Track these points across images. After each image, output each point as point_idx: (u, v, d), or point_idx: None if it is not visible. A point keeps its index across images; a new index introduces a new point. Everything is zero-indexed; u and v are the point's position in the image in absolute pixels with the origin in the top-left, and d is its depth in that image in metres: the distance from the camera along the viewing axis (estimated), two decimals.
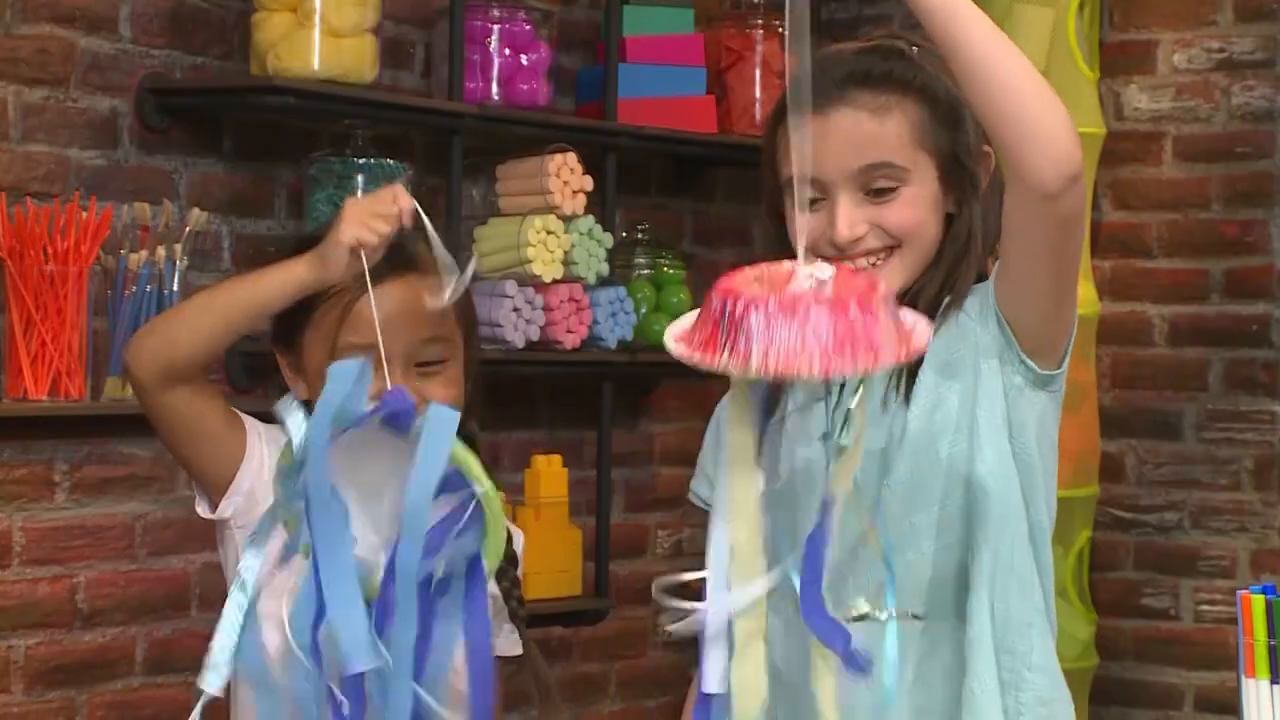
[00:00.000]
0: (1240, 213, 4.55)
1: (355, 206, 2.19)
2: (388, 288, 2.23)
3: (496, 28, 3.99)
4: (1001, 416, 2.08)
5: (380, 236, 2.15)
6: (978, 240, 2.14)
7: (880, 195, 2.12)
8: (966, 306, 2.12)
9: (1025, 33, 4.23)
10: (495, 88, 3.99)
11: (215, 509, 2.30)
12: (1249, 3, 4.53)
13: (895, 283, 2.10)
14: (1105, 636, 4.56)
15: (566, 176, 3.99)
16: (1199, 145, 4.58)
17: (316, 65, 3.57)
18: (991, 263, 2.18)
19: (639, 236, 4.41)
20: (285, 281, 2.20)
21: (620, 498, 4.52)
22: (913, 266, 2.12)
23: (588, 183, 4.02)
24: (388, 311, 2.22)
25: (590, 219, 4.03)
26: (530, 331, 3.93)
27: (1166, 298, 4.62)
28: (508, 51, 4.01)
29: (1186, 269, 4.60)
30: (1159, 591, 4.60)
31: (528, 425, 4.32)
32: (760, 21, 4.51)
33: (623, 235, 4.29)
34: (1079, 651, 4.41)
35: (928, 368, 2.10)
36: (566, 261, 3.98)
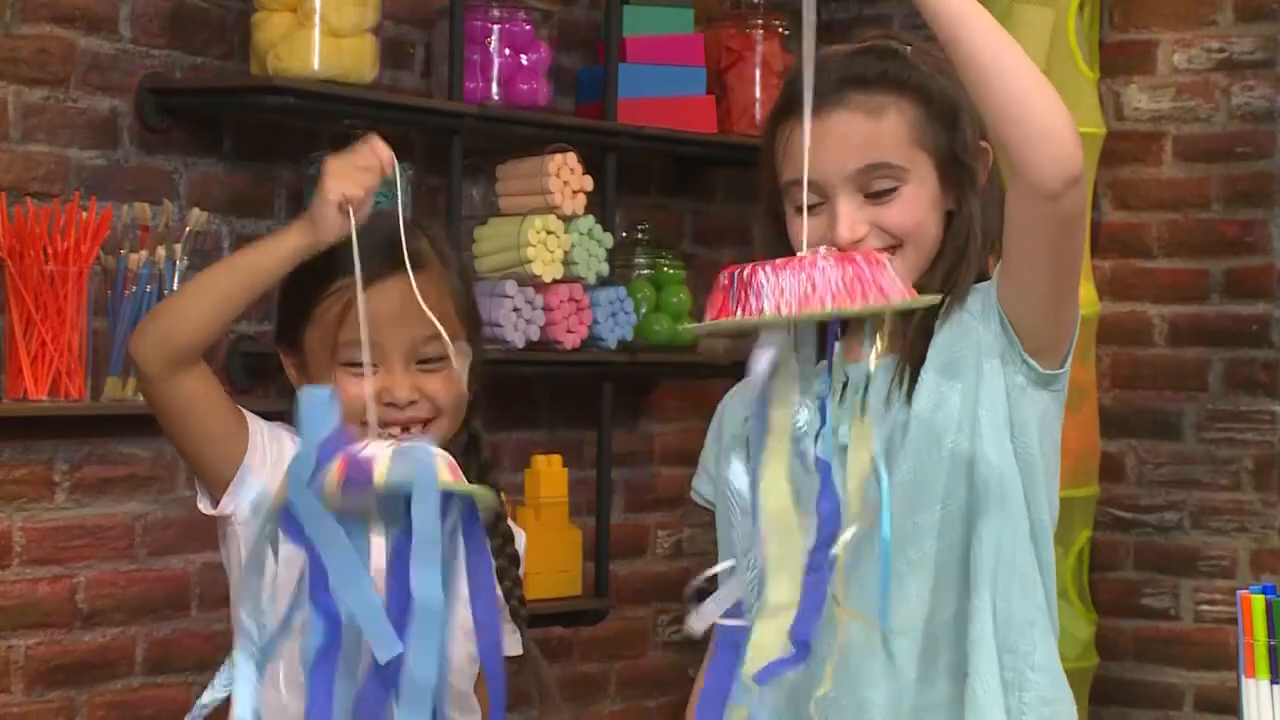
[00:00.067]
0: (1240, 213, 4.55)
1: (336, 163, 2.18)
2: (388, 284, 2.23)
3: (496, 28, 3.99)
4: (1003, 416, 2.08)
5: (364, 189, 2.15)
6: (977, 237, 2.14)
7: (880, 196, 2.12)
8: (969, 305, 2.12)
9: (1025, 33, 4.22)
10: (495, 88, 3.99)
11: (217, 505, 2.30)
12: (1249, 3, 4.53)
13: None
14: (1105, 636, 4.56)
15: (566, 176, 3.99)
16: (1199, 145, 4.58)
17: (316, 65, 3.57)
18: (993, 261, 2.18)
19: (639, 236, 4.41)
20: (280, 249, 2.20)
21: (620, 498, 4.51)
22: (915, 266, 2.13)
23: (588, 183, 4.02)
24: (388, 308, 2.22)
25: (590, 219, 4.02)
26: (530, 331, 3.93)
27: (1166, 298, 4.62)
28: (508, 51, 4.01)
29: (1186, 269, 4.60)
30: (1159, 591, 4.60)
31: (528, 425, 4.32)
32: (760, 21, 4.50)
33: (623, 235, 4.29)
34: (1079, 651, 4.41)
35: (930, 367, 2.10)
36: (566, 261, 3.98)
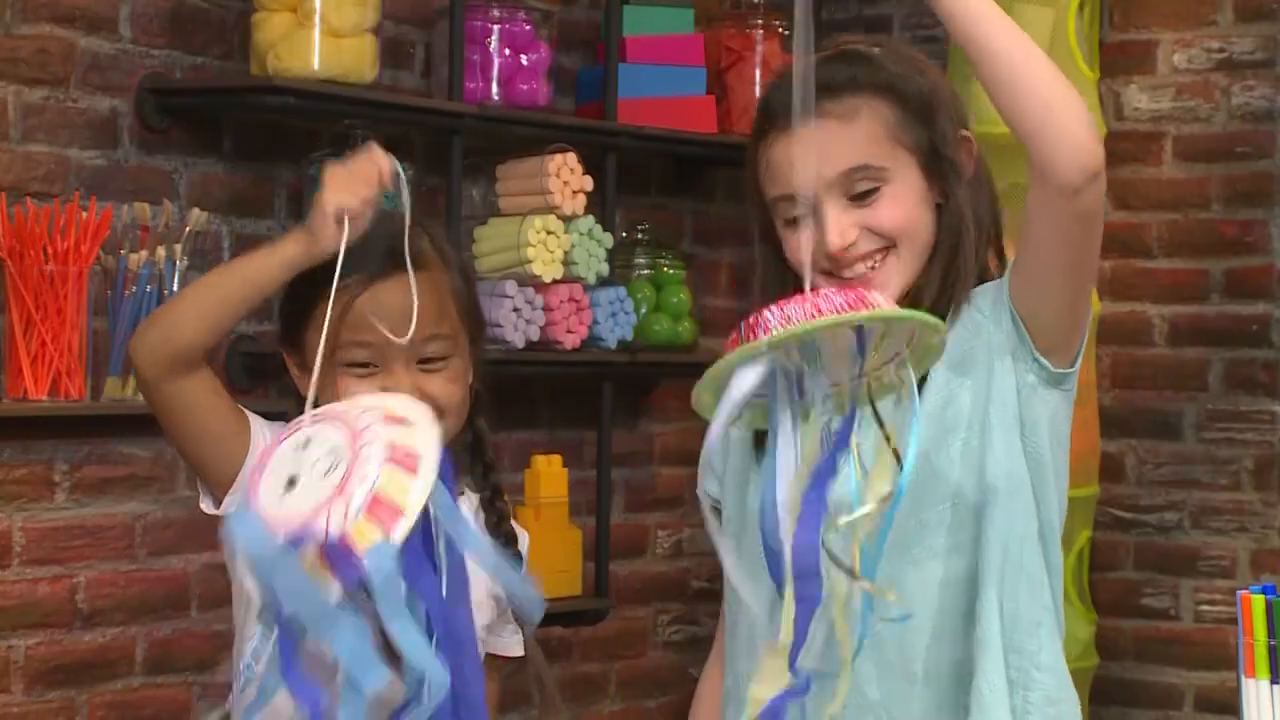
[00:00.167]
0: (1240, 213, 4.55)
1: (335, 173, 2.17)
2: (389, 284, 2.23)
3: (496, 28, 3.99)
4: (1013, 415, 2.08)
5: (362, 200, 2.14)
6: (970, 227, 2.14)
7: (864, 198, 2.12)
8: (979, 304, 2.12)
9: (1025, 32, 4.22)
10: (495, 88, 3.99)
11: (219, 505, 2.30)
12: (1249, 3, 4.53)
13: (898, 281, 2.12)
14: (1105, 636, 4.56)
15: (566, 176, 3.99)
16: (1199, 145, 4.58)
17: (316, 65, 3.56)
18: (993, 255, 2.18)
19: (639, 236, 4.41)
20: (278, 259, 2.19)
21: (620, 498, 4.51)
22: (912, 263, 2.12)
23: (588, 183, 4.02)
24: (389, 308, 2.22)
25: (590, 219, 4.02)
26: (530, 331, 3.93)
27: (1166, 298, 4.62)
28: (508, 51, 4.01)
29: (1186, 269, 4.60)
30: (1159, 591, 4.60)
31: (528, 425, 4.32)
32: (760, 21, 4.50)
33: (623, 235, 4.29)
34: (1079, 651, 4.41)
35: (940, 365, 2.10)
36: (566, 261, 3.98)
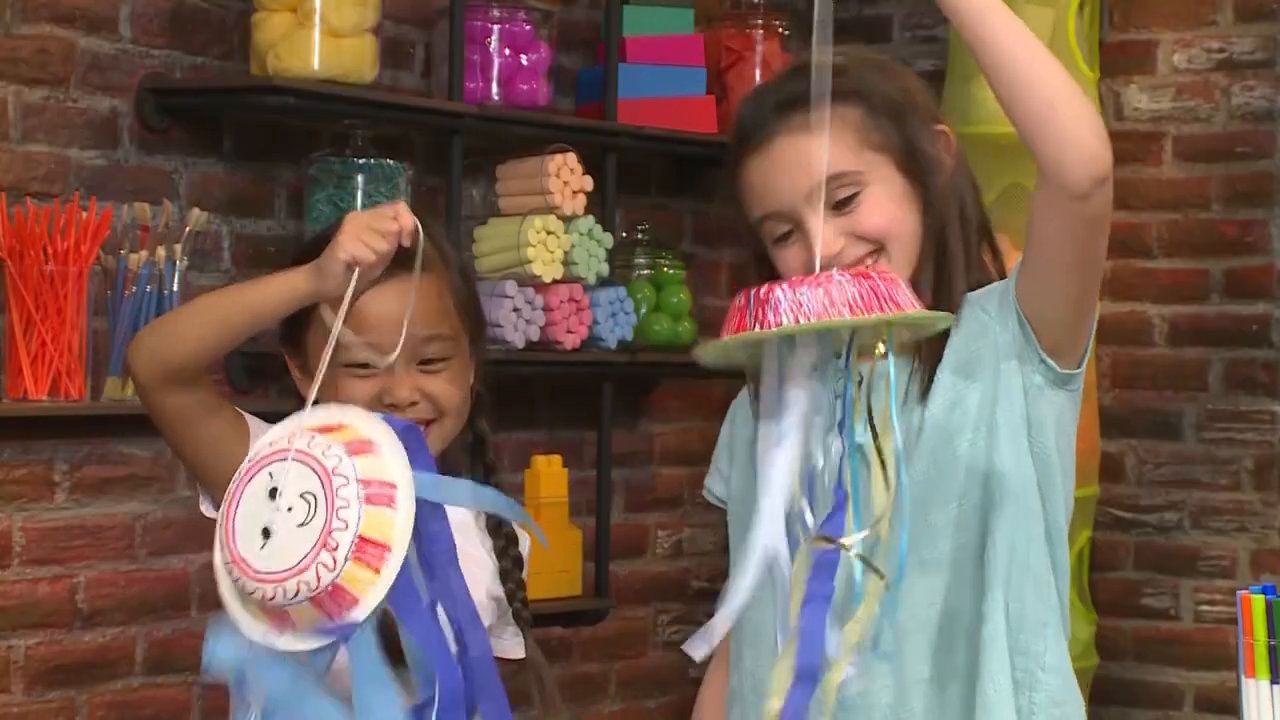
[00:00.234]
0: (1240, 213, 4.55)
1: (355, 221, 2.18)
2: (390, 285, 2.23)
3: (496, 28, 3.99)
4: (1020, 416, 2.08)
5: (377, 254, 2.16)
6: (955, 218, 2.13)
7: (845, 205, 2.11)
8: (986, 306, 2.11)
9: None
10: (495, 88, 3.99)
11: (218, 507, 2.30)
12: (1249, 3, 4.53)
13: None
14: (1105, 636, 4.56)
15: (566, 176, 3.99)
16: (1199, 145, 4.58)
17: (316, 65, 3.56)
18: (986, 247, 2.17)
19: (639, 236, 4.41)
20: (284, 291, 2.21)
21: (620, 498, 4.51)
22: (904, 263, 2.12)
23: (588, 183, 4.02)
24: (389, 309, 2.23)
25: (590, 219, 4.02)
26: (530, 332, 3.93)
27: (1166, 298, 4.62)
28: (508, 51, 4.01)
29: (1186, 269, 4.60)
30: (1159, 591, 4.60)
31: (528, 425, 4.32)
32: (760, 21, 4.50)
33: (623, 235, 4.29)
34: (1079, 651, 4.41)
35: (945, 367, 2.10)
36: (566, 262, 3.98)
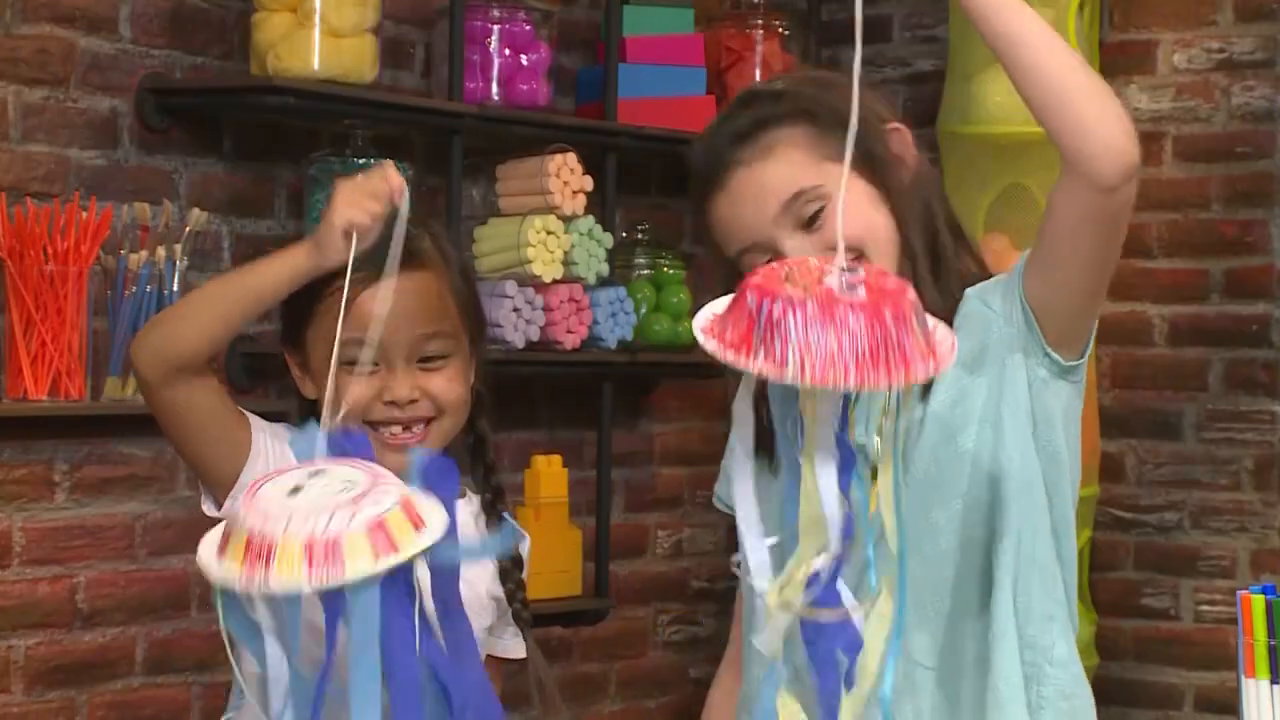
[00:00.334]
0: (1240, 213, 4.55)
1: (346, 188, 2.18)
2: (389, 282, 2.23)
3: (496, 28, 3.99)
4: (1025, 410, 2.08)
5: (372, 216, 2.15)
6: (928, 214, 2.12)
7: (814, 221, 2.09)
8: (990, 300, 2.11)
9: None
10: (495, 88, 3.99)
11: (220, 507, 2.30)
12: (1249, 3, 4.53)
13: None
14: (1105, 636, 4.56)
15: (566, 176, 3.99)
16: (1199, 145, 4.58)
17: (316, 65, 3.57)
18: (963, 243, 2.16)
19: (639, 236, 4.41)
20: (284, 270, 2.20)
21: (620, 498, 4.51)
22: (886, 264, 2.11)
23: (588, 183, 4.02)
24: (389, 306, 2.22)
25: (590, 219, 4.02)
26: (530, 332, 3.93)
27: (1166, 298, 4.62)
28: (508, 51, 4.01)
29: (1186, 269, 4.60)
30: (1159, 591, 4.60)
31: (528, 425, 4.32)
32: (760, 21, 4.51)
33: (623, 235, 4.29)
34: (1079, 651, 4.40)
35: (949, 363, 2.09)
36: (566, 261, 3.98)
